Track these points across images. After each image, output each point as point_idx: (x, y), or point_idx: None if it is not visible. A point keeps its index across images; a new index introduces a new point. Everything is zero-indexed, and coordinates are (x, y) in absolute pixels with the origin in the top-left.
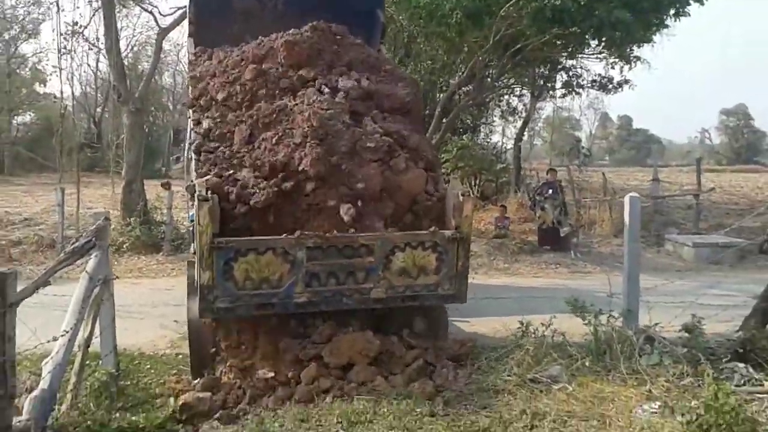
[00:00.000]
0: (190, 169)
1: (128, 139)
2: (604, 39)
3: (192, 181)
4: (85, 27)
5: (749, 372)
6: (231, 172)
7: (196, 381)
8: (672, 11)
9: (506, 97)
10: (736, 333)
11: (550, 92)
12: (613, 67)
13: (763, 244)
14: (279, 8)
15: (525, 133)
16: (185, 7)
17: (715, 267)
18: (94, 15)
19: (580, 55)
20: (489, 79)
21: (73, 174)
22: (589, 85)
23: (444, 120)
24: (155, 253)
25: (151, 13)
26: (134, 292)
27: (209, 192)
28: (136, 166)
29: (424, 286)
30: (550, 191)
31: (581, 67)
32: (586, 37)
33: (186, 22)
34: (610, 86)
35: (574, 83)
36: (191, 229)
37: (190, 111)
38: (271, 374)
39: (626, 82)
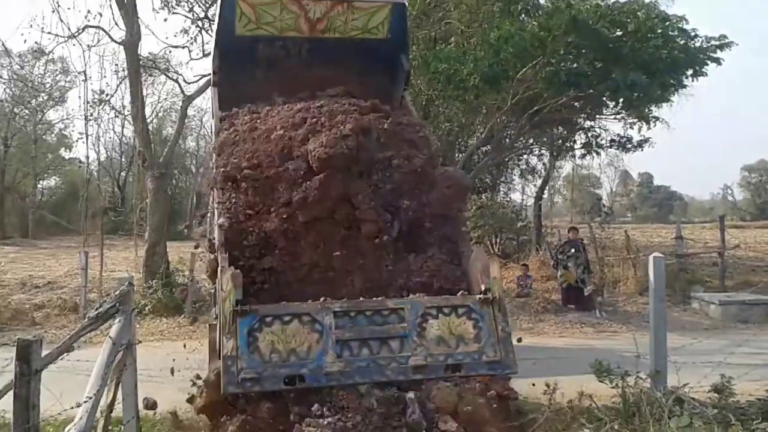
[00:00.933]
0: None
1: (152, 203)
2: (621, 100)
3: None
4: (112, 95)
5: None
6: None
7: None
8: (690, 71)
9: (525, 156)
10: (767, 392)
11: (569, 152)
12: (631, 127)
13: None
14: (303, 55)
15: (545, 191)
16: (209, 75)
17: (742, 325)
18: (120, 83)
19: (598, 116)
20: (507, 140)
21: (97, 237)
22: (609, 145)
23: None
24: (177, 316)
25: (176, 81)
26: (155, 355)
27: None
28: (160, 229)
29: (466, 354)
30: (572, 250)
31: (600, 127)
32: (603, 98)
33: (209, 90)
34: (630, 146)
35: (593, 143)
36: (213, 290)
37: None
38: None
39: (645, 141)
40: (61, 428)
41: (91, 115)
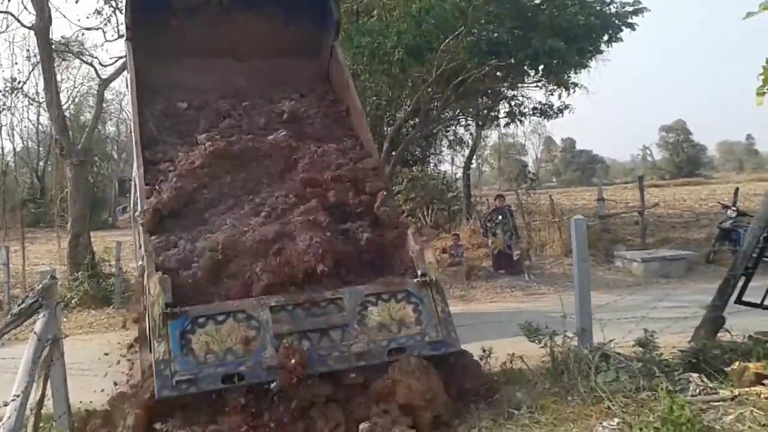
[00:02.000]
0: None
1: (72, 192)
2: (541, 68)
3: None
4: (24, 82)
5: (703, 381)
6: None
7: None
8: (605, 37)
9: (453, 127)
10: (689, 343)
11: (495, 121)
12: (552, 94)
13: (710, 254)
14: (224, 2)
15: (473, 161)
16: (125, 57)
17: (664, 280)
18: (33, 69)
19: (520, 85)
20: (434, 112)
21: (18, 231)
22: (531, 112)
23: (393, 153)
24: (105, 307)
25: (91, 64)
26: (85, 348)
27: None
28: (82, 219)
29: (408, 337)
30: (500, 217)
31: (522, 96)
32: (525, 67)
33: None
34: (551, 112)
35: (517, 112)
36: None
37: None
38: None
39: (566, 107)
40: None
41: (4, 104)
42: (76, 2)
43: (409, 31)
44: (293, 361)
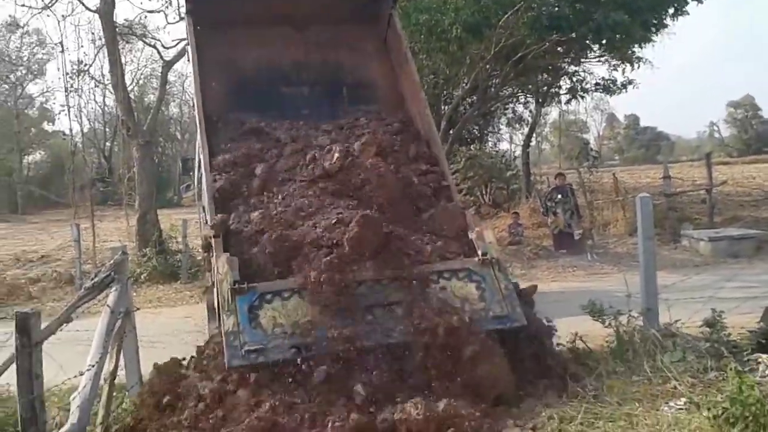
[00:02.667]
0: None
1: (139, 171)
2: (603, 42)
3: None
4: (90, 65)
5: None
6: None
7: None
8: (671, 10)
9: (511, 105)
10: (758, 324)
11: (555, 98)
12: (615, 69)
13: None
14: None
15: (532, 139)
16: (186, 37)
17: (732, 260)
18: (98, 52)
19: (582, 60)
20: (493, 89)
21: (87, 209)
22: (593, 88)
23: (451, 132)
24: (173, 282)
25: (154, 47)
26: (155, 322)
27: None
28: (149, 197)
29: (473, 312)
30: (560, 196)
31: (584, 71)
32: (587, 41)
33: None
34: (614, 88)
35: (578, 88)
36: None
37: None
38: None
39: (630, 82)
40: (65, 397)
41: (71, 86)
42: None
43: (467, 8)
44: None
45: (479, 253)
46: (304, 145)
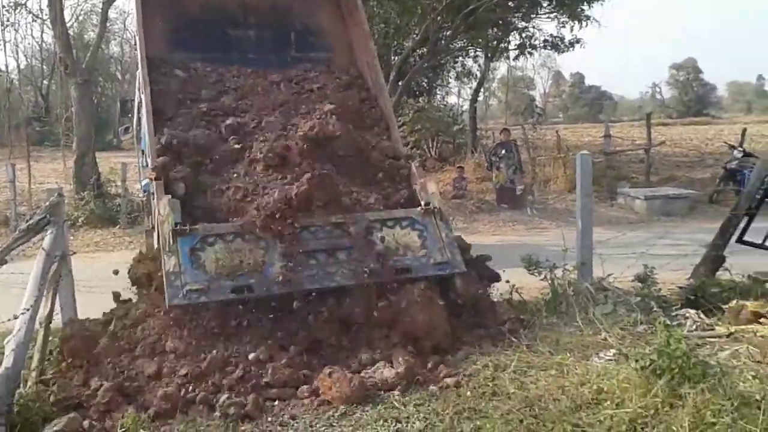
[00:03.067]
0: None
1: (77, 111)
2: None
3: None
4: None
5: (700, 318)
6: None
7: None
8: None
9: (461, 59)
10: (687, 281)
11: (504, 53)
12: (564, 27)
13: (713, 194)
14: None
15: (480, 93)
16: None
17: (666, 218)
18: None
19: (532, 16)
20: (443, 42)
21: (23, 149)
22: (542, 45)
23: (399, 83)
24: (111, 227)
25: None
26: (92, 266)
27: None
28: (88, 139)
29: (414, 258)
30: (504, 151)
31: (534, 27)
32: None
33: None
34: (563, 46)
35: (527, 44)
36: (144, 199)
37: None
38: None
39: (578, 41)
40: (0, 341)
41: (8, 20)
42: None
43: None
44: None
45: (422, 203)
46: (254, 120)
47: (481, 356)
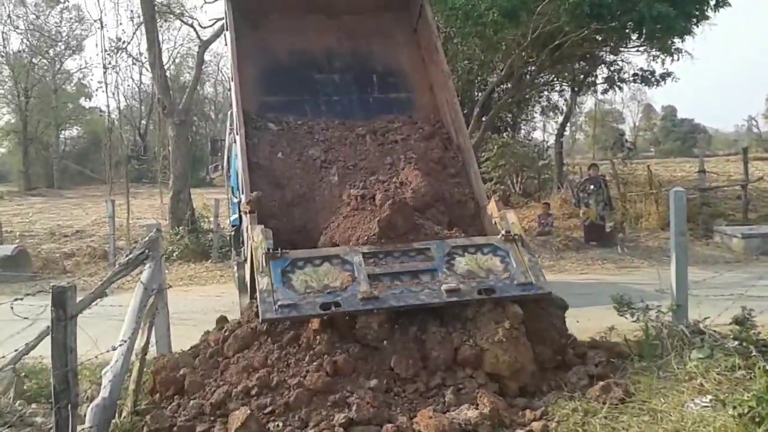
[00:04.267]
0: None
1: (174, 150)
2: (644, 33)
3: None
4: (128, 42)
5: None
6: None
7: None
8: (713, 2)
9: (546, 93)
10: None
11: (591, 87)
12: (654, 60)
13: None
14: None
15: (566, 128)
16: (223, 18)
17: (765, 258)
18: (136, 30)
19: (620, 50)
20: (528, 76)
21: (122, 186)
22: (631, 79)
23: (483, 118)
24: (204, 261)
25: (191, 26)
26: (186, 299)
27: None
28: (184, 176)
29: (498, 280)
30: (592, 186)
31: (622, 61)
32: (626, 31)
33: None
34: (653, 79)
35: (616, 77)
36: (232, 233)
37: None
38: None
39: (668, 74)
40: (98, 371)
41: (109, 63)
42: None
43: None
44: None
45: (502, 231)
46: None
47: (570, 400)
